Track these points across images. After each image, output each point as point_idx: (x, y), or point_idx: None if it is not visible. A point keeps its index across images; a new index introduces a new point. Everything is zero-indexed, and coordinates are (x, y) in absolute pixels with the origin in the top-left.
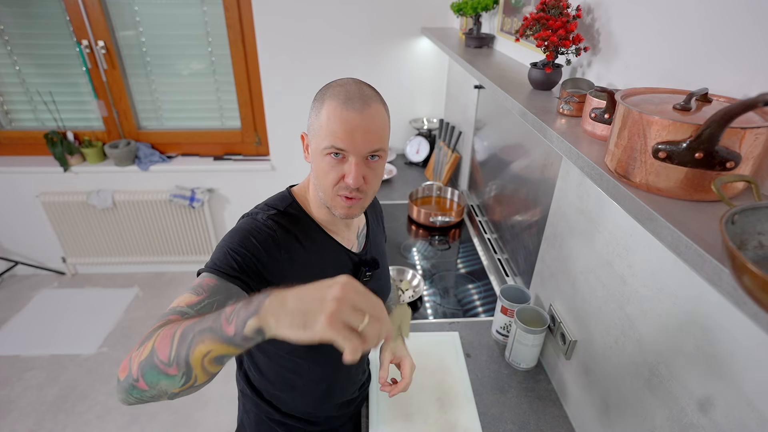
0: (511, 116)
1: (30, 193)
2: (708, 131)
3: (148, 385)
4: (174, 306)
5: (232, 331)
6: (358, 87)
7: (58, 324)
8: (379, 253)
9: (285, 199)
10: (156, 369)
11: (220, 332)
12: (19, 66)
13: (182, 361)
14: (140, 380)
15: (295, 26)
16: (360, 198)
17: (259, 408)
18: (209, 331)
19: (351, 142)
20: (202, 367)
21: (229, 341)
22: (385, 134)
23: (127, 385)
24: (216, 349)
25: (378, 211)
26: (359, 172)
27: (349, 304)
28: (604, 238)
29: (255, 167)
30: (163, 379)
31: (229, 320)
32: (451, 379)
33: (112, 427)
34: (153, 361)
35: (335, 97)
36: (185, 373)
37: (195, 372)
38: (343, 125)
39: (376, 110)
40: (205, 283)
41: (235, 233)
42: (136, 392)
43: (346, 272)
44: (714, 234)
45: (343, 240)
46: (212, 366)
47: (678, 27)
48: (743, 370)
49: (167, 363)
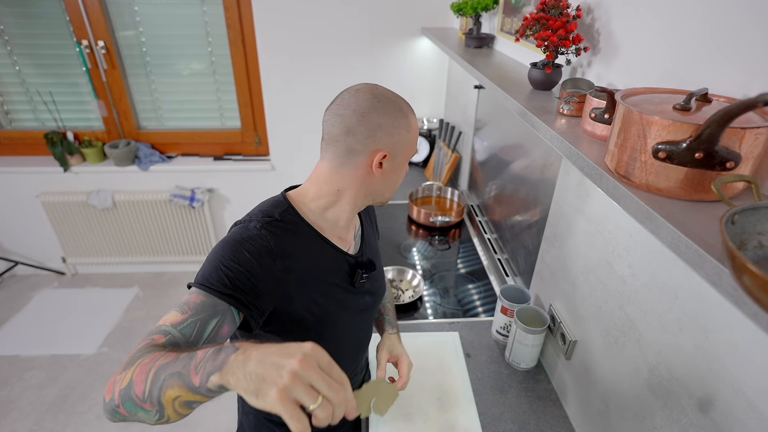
0: (511, 116)
1: (30, 193)
2: (708, 131)
3: (127, 413)
4: (159, 324)
5: (198, 382)
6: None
7: (58, 324)
8: (374, 254)
9: (280, 205)
10: (133, 402)
11: (188, 380)
12: (19, 66)
13: (155, 400)
14: (121, 407)
15: (295, 26)
16: None
17: (259, 409)
18: (178, 377)
19: None
20: (173, 409)
21: (195, 391)
22: None
23: (111, 408)
24: (184, 395)
25: (370, 212)
26: None
27: (305, 380)
28: (604, 238)
29: (255, 167)
30: (140, 412)
31: (197, 370)
32: (451, 379)
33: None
34: (130, 393)
35: (411, 112)
36: (158, 411)
37: (167, 411)
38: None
39: None
40: (191, 301)
41: (227, 245)
42: (118, 415)
43: (343, 275)
44: (714, 234)
45: (339, 242)
46: (183, 409)
47: (678, 27)
48: (743, 370)
49: (142, 399)
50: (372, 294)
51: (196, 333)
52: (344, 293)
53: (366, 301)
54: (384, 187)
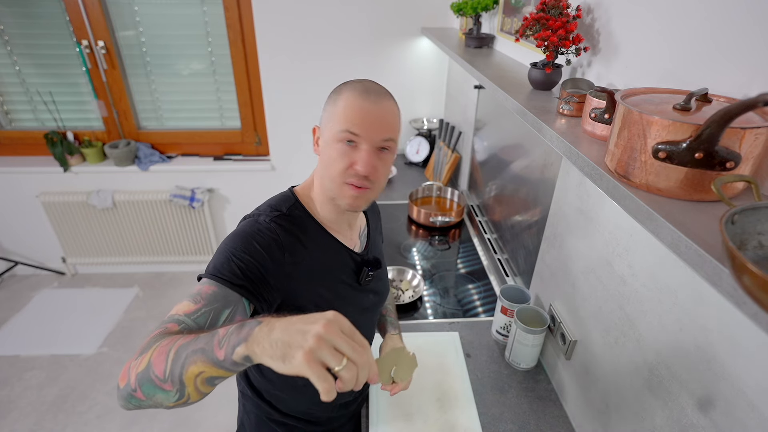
0: (511, 116)
1: (30, 193)
2: (708, 131)
3: (145, 396)
4: (172, 314)
5: (222, 355)
6: (375, 84)
7: (58, 324)
8: (379, 254)
9: (288, 200)
10: (152, 383)
11: (212, 355)
12: (19, 66)
13: (176, 379)
14: (138, 390)
15: (295, 26)
16: (367, 188)
17: (260, 408)
18: (201, 353)
19: (365, 128)
20: (194, 387)
21: (219, 364)
22: (398, 127)
23: (126, 394)
24: (207, 370)
25: (377, 213)
26: (370, 160)
27: (330, 343)
28: (604, 238)
29: (255, 167)
30: (159, 393)
31: (220, 344)
32: (451, 379)
33: (112, 427)
34: (149, 375)
35: (353, 89)
36: (179, 390)
37: (188, 390)
38: (360, 113)
39: (391, 104)
40: (204, 291)
41: (238, 237)
42: (134, 401)
43: (349, 272)
44: (714, 234)
45: (346, 240)
46: (204, 386)
47: (678, 27)
48: (743, 370)
49: (162, 379)
50: (376, 293)
51: (209, 323)
52: (350, 290)
53: (370, 300)
54: (323, 171)
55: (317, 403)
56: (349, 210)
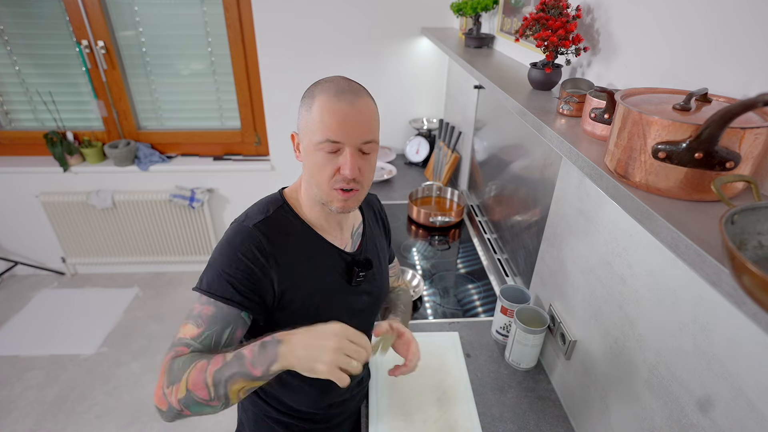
0: (510, 116)
1: (30, 193)
2: (707, 131)
3: (192, 413)
4: (181, 337)
5: (260, 373)
6: (347, 81)
7: (57, 324)
8: (376, 253)
9: (275, 202)
10: (199, 404)
11: (250, 375)
12: (18, 66)
13: (221, 397)
14: (185, 410)
15: (295, 26)
16: (356, 190)
17: (257, 406)
18: (239, 375)
19: (345, 133)
20: (237, 397)
21: (258, 379)
22: (376, 125)
23: (173, 414)
24: (248, 385)
25: (377, 209)
26: (354, 163)
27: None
28: (603, 238)
29: (255, 167)
30: (207, 409)
31: (254, 365)
32: (450, 379)
33: (112, 427)
34: (194, 399)
35: (326, 92)
36: (224, 403)
37: (232, 401)
38: (337, 117)
39: (366, 102)
40: (204, 314)
41: (224, 250)
42: (180, 417)
43: (339, 273)
44: (714, 234)
45: (335, 240)
46: (245, 393)
47: (678, 27)
48: (743, 370)
49: (209, 400)
50: (370, 294)
51: (214, 343)
52: (341, 292)
53: (364, 301)
54: (310, 179)
55: (313, 403)
56: (341, 212)
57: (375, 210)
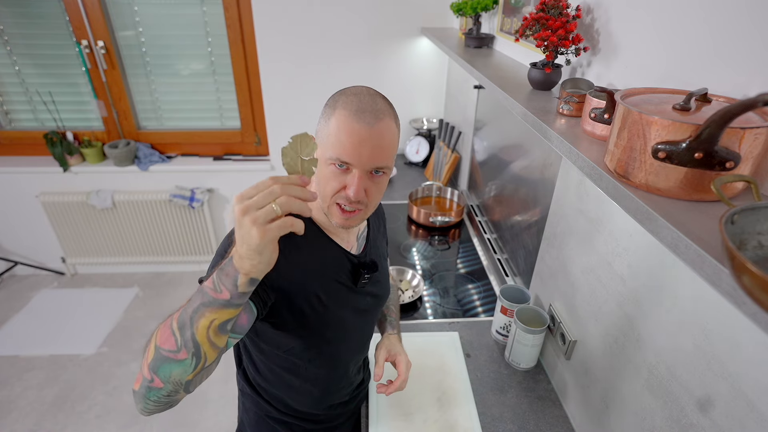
0: (510, 116)
1: (29, 193)
2: (707, 131)
3: (162, 381)
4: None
5: (228, 295)
6: (372, 99)
7: (57, 324)
8: (379, 256)
9: None
10: (166, 361)
11: (217, 301)
12: (18, 66)
13: (189, 342)
14: (154, 379)
15: (295, 26)
16: (360, 210)
17: (258, 406)
18: (204, 306)
19: (357, 156)
20: (208, 341)
21: (227, 304)
22: (393, 151)
23: (144, 390)
24: (218, 316)
25: (380, 215)
26: (361, 186)
27: (254, 208)
28: (603, 238)
29: (255, 167)
30: (175, 368)
31: (218, 289)
32: (450, 379)
33: (112, 427)
34: (161, 355)
35: (347, 107)
36: (194, 354)
37: (203, 348)
38: (352, 138)
39: (386, 126)
40: None
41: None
42: (152, 394)
43: (345, 274)
44: (714, 234)
45: (342, 241)
46: (217, 336)
47: (677, 27)
48: (743, 370)
49: (175, 350)
50: (374, 296)
51: None
52: (346, 292)
53: (368, 302)
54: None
55: (314, 403)
56: (341, 227)
57: (378, 214)
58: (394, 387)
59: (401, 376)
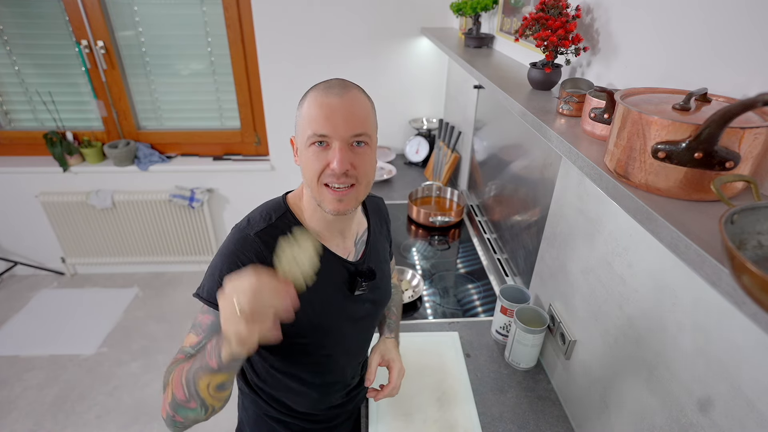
0: (510, 116)
1: (29, 193)
2: (707, 131)
3: (182, 418)
4: (183, 346)
5: (215, 364)
6: (340, 80)
7: (57, 324)
8: (380, 261)
9: (278, 209)
10: (181, 406)
11: (208, 367)
12: (18, 66)
13: (195, 396)
14: (176, 416)
15: (294, 26)
16: (351, 186)
17: (257, 405)
18: (201, 369)
19: (332, 126)
20: (209, 395)
21: (217, 371)
22: (369, 120)
23: (170, 422)
24: (212, 380)
25: (383, 215)
26: (344, 157)
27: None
28: (603, 238)
29: (254, 167)
30: (189, 412)
31: (210, 357)
32: (450, 379)
33: (112, 427)
34: (177, 402)
35: (316, 89)
36: (201, 404)
37: (207, 401)
38: (323, 110)
39: (356, 95)
40: (203, 322)
41: (224, 258)
42: (178, 424)
43: (341, 282)
44: (713, 234)
45: (338, 248)
46: (216, 392)
47: (677, 27)
48: (743, 370)
49: (186, 400)
50: (373, 302)
51: None
52: (343, 300)
53: (366, 309)
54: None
55: (313, 404)
56: (335, 214)
57: (381, 215)
58: (383, 394)
59: (392, 383)
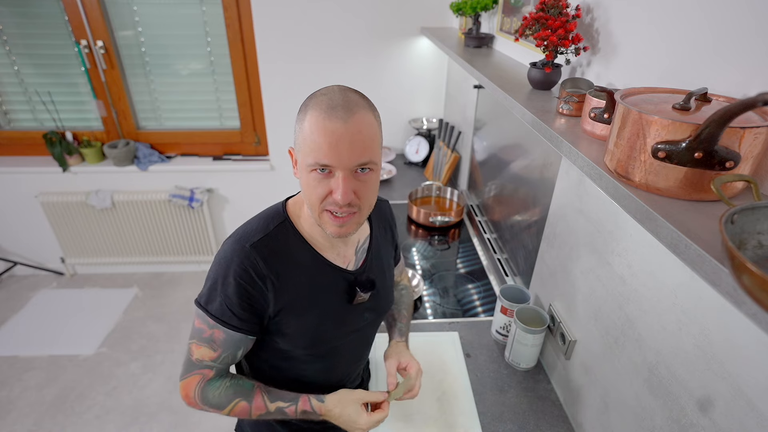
0: (510, 116)
1: (29, 194)
2: (707, 131)
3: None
4: (200, 359)
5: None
6: (343, 94)
7: (57, 324)
8: (382, 268)
9: (277, 217)
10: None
11: (284, 414)
12: (17, 66)
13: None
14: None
15: (294, 25)
16: (353, 214)
17: None
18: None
19: (336, 156)
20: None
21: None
22: (375, 145)
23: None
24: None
25: (387, 220)
26: (347, 187)
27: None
28: (603, 238)
29: (254, 167)
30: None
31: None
32: (450, 379)
33: (112, 427)
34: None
35: (317, 107)
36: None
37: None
38: (327, 137)
39: (362, 118)
40: (217, 338)
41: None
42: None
43: (339, 293)
44: (713, 234)
45: (337, 258)
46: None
47: (677, 27)
48: (743, 370)
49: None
50: (374, 310)
51: (231, 361)
52: (342, 311)
53: (366, 318)
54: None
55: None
56: (337, 237)
57: (385, 218)
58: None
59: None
